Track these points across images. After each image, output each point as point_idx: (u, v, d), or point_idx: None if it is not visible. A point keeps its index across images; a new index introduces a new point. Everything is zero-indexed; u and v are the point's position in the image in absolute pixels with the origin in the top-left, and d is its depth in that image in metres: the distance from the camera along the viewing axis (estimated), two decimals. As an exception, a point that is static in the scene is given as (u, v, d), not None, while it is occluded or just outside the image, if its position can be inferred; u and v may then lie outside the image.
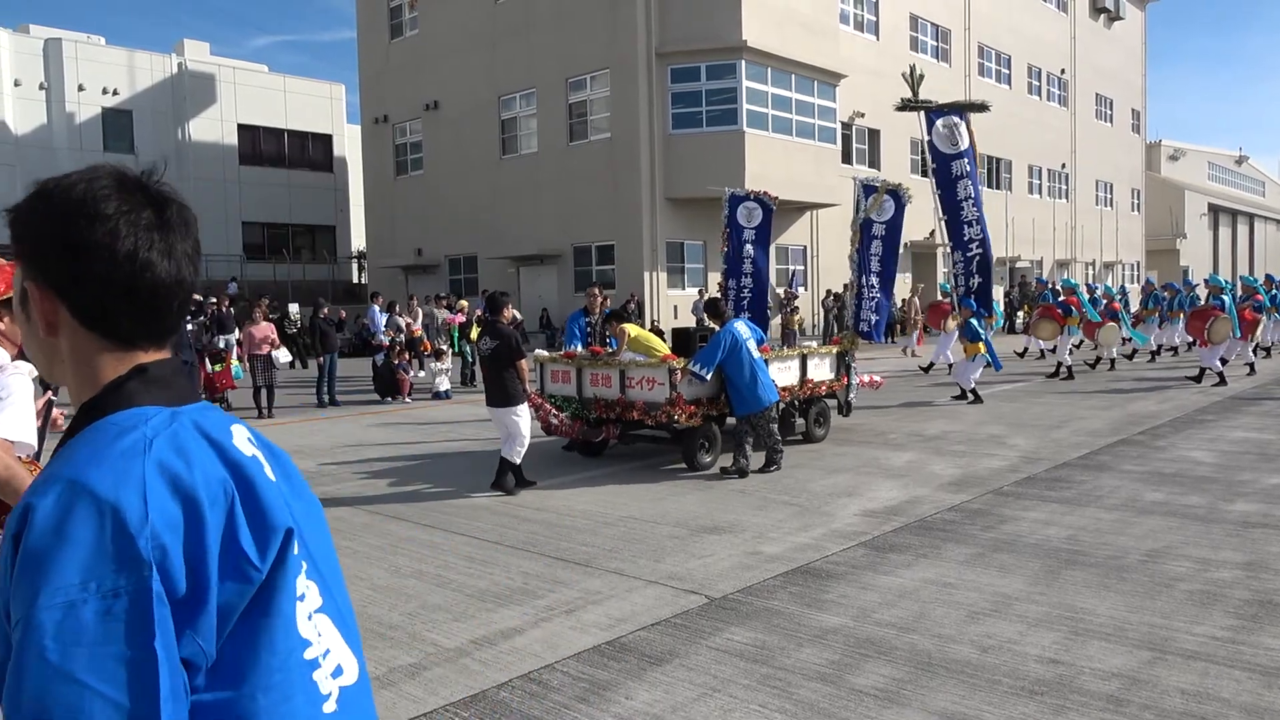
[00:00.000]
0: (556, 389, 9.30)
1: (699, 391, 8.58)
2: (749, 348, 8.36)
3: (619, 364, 8.74)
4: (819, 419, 10.23)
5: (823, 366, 10.34)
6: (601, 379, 8.89)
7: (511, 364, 7.69)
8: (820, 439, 10.12)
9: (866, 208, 11.23)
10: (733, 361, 8.31)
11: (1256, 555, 5.54)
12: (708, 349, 8.46)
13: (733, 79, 26.07)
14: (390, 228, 33.91)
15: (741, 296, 11.96)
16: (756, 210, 12.00)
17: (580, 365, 9.09)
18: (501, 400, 7.75)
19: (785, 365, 9.77)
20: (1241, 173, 72.16)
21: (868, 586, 5.15)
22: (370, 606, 5.01)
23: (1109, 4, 46.48)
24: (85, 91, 33.64)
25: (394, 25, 33.62)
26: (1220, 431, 10.31)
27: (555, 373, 9.36)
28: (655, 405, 8.43)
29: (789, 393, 9.66)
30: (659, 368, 8.51)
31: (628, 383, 8.65)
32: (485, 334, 7.97)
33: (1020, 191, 40.85)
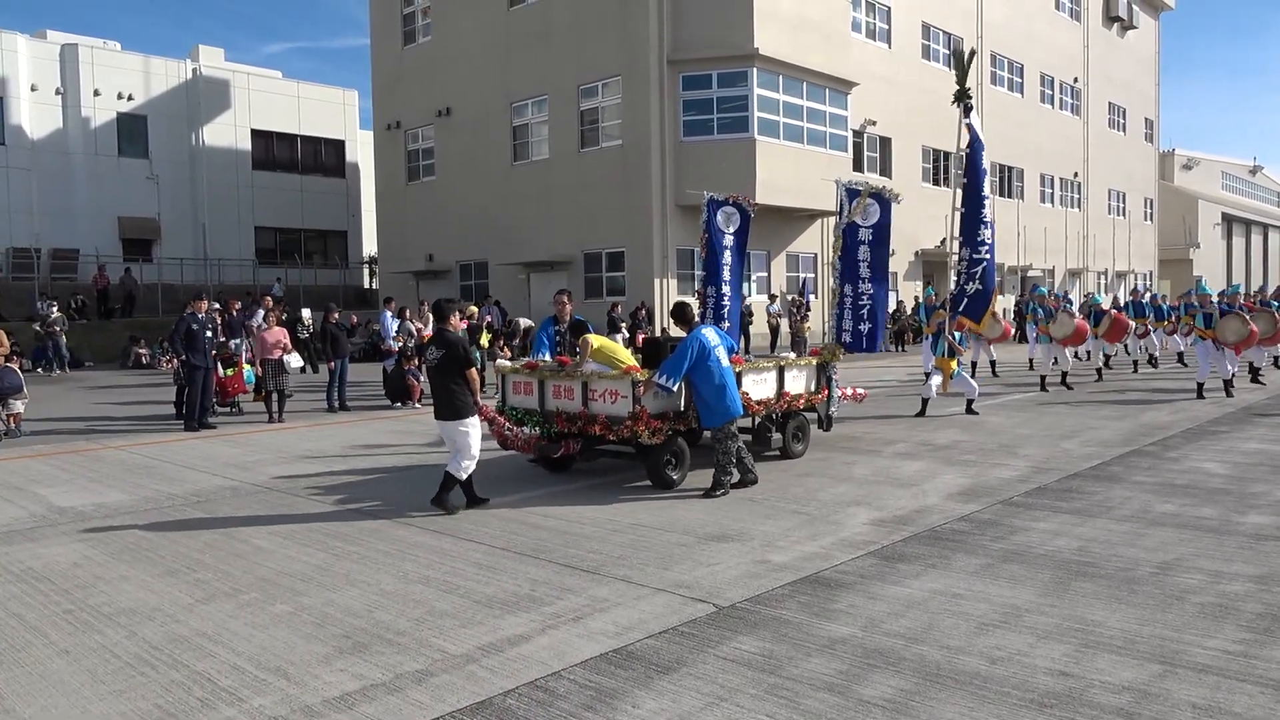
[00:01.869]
0: (519, 401, 8.83)
1: (665, 404, 8.09)
2: (718, 356, 7.93)
3: (581, 376, 8.23)
4: (797, 434, 9.74)
5: (801, 378, 9.80)
6: (564, 391, 8.39)
7: (461, 374, 7.32)
8: (799, 455, 9.63)
9: (850, 211, 10.76)
10: (700, 371, 7.86)
11: (1269, 568, 5.50)
12: (673, 358, 7.92)
13: (744, 86, 26.09)
14: (401, 233, 34.03)
15: (721, 304, 11.60)
16: (735, 215, 11.69)
17: (543, 377, 8.59)
18: (449, 413, 7.33)
19: (761, 377, 9.24)
20: (1256, 182, 71.80)
21: (876, 596, 5.12)
22: (377, 612, 5.01)
23: (1122, 13, 46.35)
24: (101, 96, 33.88)
25: (407, 32, 33.79)
26: (1233, 443, 10.24)
27: (517, 384, 8.89)
28: (618, 420, 7.91)
29: (764, 406, 9.22)
30: (622, 380, 7.96)
31: (590, 395, 8.15)
32: (432, 342, 7.55)
33: (1032, 200, 40.74)
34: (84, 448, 11.29)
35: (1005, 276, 38.99)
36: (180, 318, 13.31)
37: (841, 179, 11.26)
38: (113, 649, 4.55)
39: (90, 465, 10.04)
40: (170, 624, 4.89)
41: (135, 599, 5.33)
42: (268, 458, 10.34)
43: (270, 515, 7.47)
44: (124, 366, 25.26)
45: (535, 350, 9.49)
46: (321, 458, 10.24)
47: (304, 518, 7.35)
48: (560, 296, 9.79)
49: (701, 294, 11.78)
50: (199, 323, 12.98)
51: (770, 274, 29.01)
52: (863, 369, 21.22)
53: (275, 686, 4.07)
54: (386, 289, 33.40)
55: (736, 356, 8.89)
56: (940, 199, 34.42)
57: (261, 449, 11.03)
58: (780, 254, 29.32)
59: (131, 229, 34.65)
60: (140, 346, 25.75)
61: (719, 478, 7.86)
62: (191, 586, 5.55)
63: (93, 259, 31.57)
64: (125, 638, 4.70)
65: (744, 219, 11.78)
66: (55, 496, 8.35)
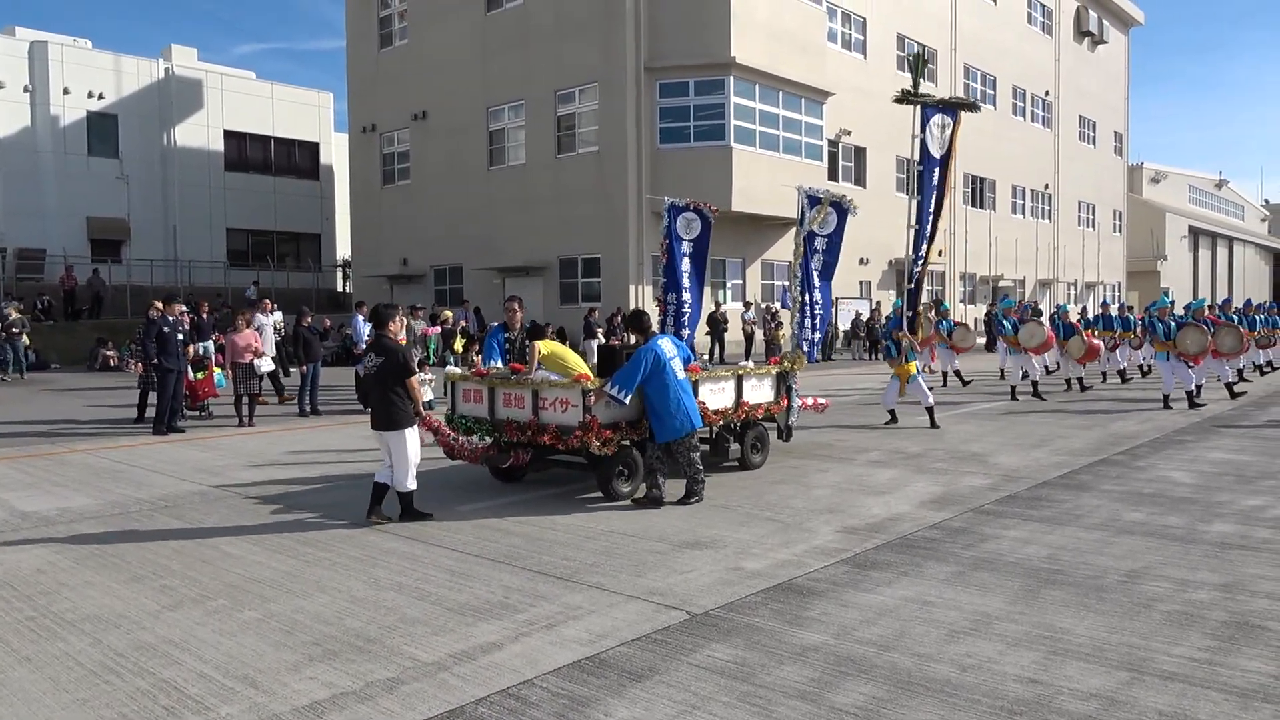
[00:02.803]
0: (468, 409, 8.62)
1: (617, 415, 7.88)
2: (673, 368, 7.76)
3: (531, 384, 8.03)
4: (756, 444, 9.56)
5: (761, 388, 9.62)
6: (514, 400, 8.18)
7: (400, 382, 7.10)
8: (757, 465, 9.48)
9: (810, 219, 10.63)
10: (655, 383, 7.68)
11: (1234, 577, 5.58)
12: (627, 368, 7.73)
13: (721, 95, 26.22)
14: (376, 237, 33.85)
15: (681, 312, 11.41)
16: (695, 221, 11.50)
17: (492, 385, 8.37)
18: (386, 422, 7.09)
19: (719, 386, 9.07)
20: (1221, 196, 73.09)
21: (849, 604, 5.14)
22: (347, 619, 4.96)
23: (1093, 28, 47.09)
24: (70, 95, 33.43)
25: (383, 35, 33.66)
26: (1199, 452, 10.39)
27: (467, 392, 8.66)
28: (568, 429, 7.72)
29: (722, 416, 9.05)
30: (572, 388, 7.78)
31: (540, 404, 7.95)
32: (370, 349, 7.32)
33: (1004, 211, 41.23)
34: (48, 451, 11.11)
35: (977, 286, 39.43)
36: (149, 320, 13.14)
37: (804, 186, 11.09)
38: (76, 657, 4.47)
39: (55, 469, 9.87)
40: (136, 631, 4.82)
41: (100, 605, 5.24)
42: (237, 462, 10.22)
43: (239, 520, 7.38)
44: (91, 369, 24.90)
45: (485, 358, 9.30)
46: (292, 463, 10.14)
47: (273, 523, 7.27)
48: (511, 303, 9.55)
49: (662, 301, 11.59)
50: (170, 325, 12.83)
51: (745, 282, 29.14)
52: (836, 377, 21.35)
53: (243, 695, 4.01)
54: (360, 293, 33.19)
55: (693, 366, 8.72)
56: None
57: (231, 453, 10.90)
58: (755, 262, 29.46)
59: (100, 229, 34.19)
60: (108, 348, 25.39)
61: (692, 486, 7.81)
62: (158, 593, 5.47)
63: (60, 259, 31.11)
64: (89, 645, 4.63)
65: (704, 225, 11.54)
66: (18, 501, 8.20)
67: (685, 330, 11.39)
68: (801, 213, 10.74)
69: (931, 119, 12.78)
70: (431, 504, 7.87)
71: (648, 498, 7.71)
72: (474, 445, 8.28)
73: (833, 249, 10.85)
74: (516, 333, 9.24)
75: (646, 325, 8.30)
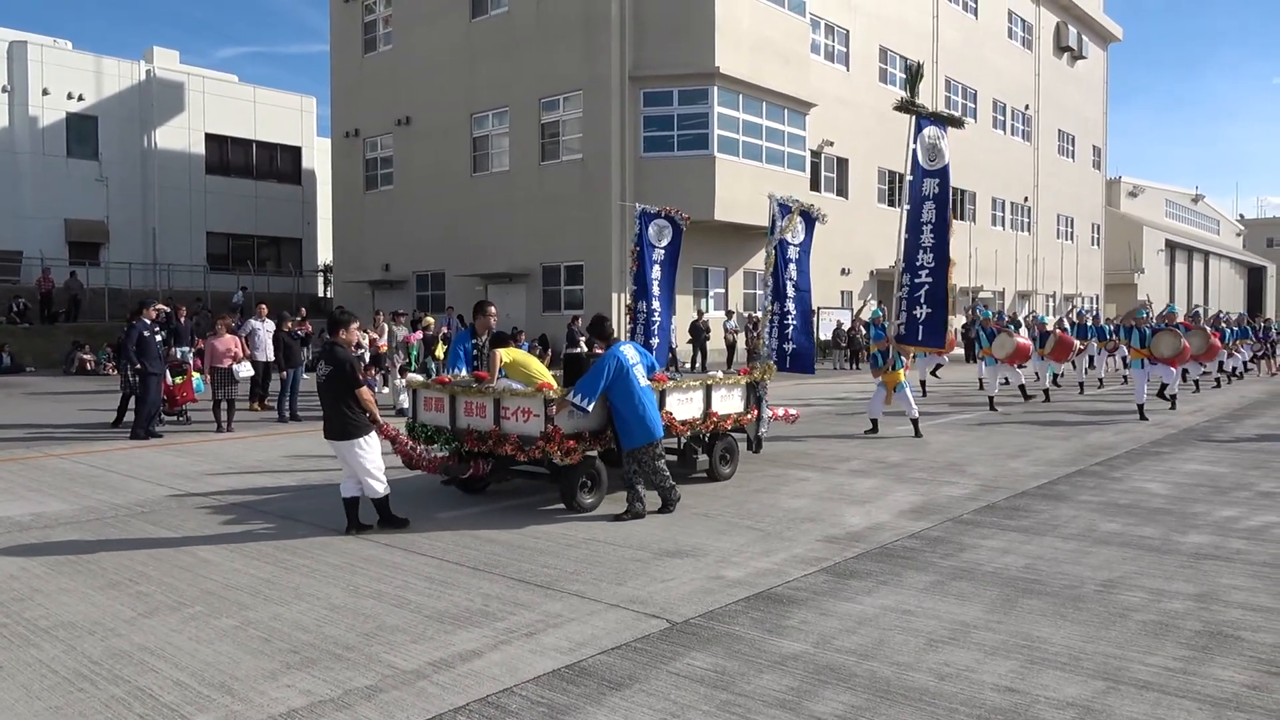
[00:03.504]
0: (429, 418, 8.37)
1: (581, 424, 7.69)
2: (636, 374, 7.58)
3: (492, 393, 7.79)
4: (725, 455, 9.36)
5: (730, 398, 9.42)
6: (476, 409, 7.92)
7: (351, 392, 6.93)
8: (726, 477, 9.29)
9: (782, 228, 10.43)
10: (618, 389, 7.51)
11: (1208, 586, 5.64)
12: (589, 376, 7.53)
13: (705, 104, 26.32)
14: (358, 242, 33.71)
15: (652, 320, 11.17)
16: (667, 229, 11.29)
17: (454, 393, 8.10)
18: (339, 433, 6.95)
19: (687, 396, 8.84)
20: (1198, 211, 74.03)
21: (828, 613, 5.16)
22: (326, 626, 4.93)
23: (1072, 43, 47.64)
24: (50, 95, 33.17)
25: (368, 40, 33.59)
26: (1174, 464, 10.50)
27: (429, 400, 8.42)
28: (530, 439, 7.50)
29: (689, 426, 8.86)
30: (534, 398, 7.56)
31: (502, 413, 7.70)
32: (322, 357, 7.11)
33: (984, 223, 41.57)
34: (23, 455, 10.98)
35: (957, 298, 39.72)
36: (130, 325, 13.03)
37: (774, 194, 10.86)
38: (50, 664, 4.42)
39: (29, 474, 9.76)
40: (111, 638, 4.77)
41: (75, 612, 5.19)
42: (216, 468, 10.14)
43: (216, 527, 7.32)
44: (67, 372, 24.64)
45: (450, 365, 9.09)
46: (271, 469, 10.07)
47: (251, 529, 7.22)
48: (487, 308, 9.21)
49: (632, 309, 11.34)
50: (150, 329, 12.72)
51: (728, 290, 29.22)
52: (815, 387, 21.43)
53: (219, 703, 3.98)
54: (341, 298, 33.05)
55: (660, 375, 8.54)
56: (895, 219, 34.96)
57: (209, 459, 10.81)
58: (738, 270, 29.55)
59: (78, 232, 33.89)
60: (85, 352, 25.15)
61: (666, 495, 7.71)
62: (134, 599, 5.42)
63: (37, 261, 30.79)
64: (63, 652, 4.58)
65: (676, 233, 11.34)
66: (-8, 505, 8.10)
67: (655, 339, 11.18)
68: (773, 221, 10.57)
69: (925, 130, 12.72)
70: (411, 511, 7.84)
71: (629, 512, 7.55)
72: (432, 455, 8.04)
73: (805, 259, 10.75)
74: (484, 339, 8.95)
75: (609, 331, 8.14)
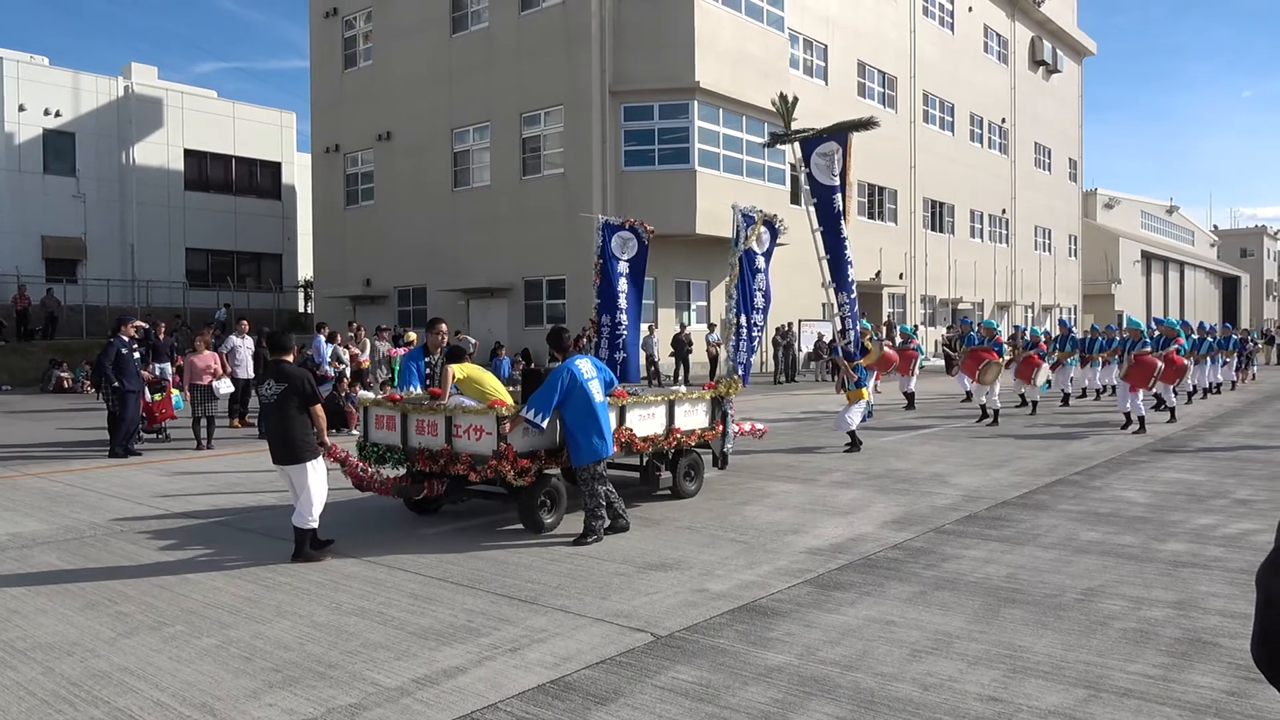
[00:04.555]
0: (381, 436, 8.07)
1: (536, 441, 7.44)
2: (591, 389, 7.32)
3: (444, 410, 7.53)
4: (689, 472, 9.11)
5: (694, 414, 9.18)
6: (428, 427, 7.64)
7: (303, 411, 6.69)
8: (691, 494, 9.06)
9: (746, 238, 10.24)
10: (571, 404, 7.26)
11: (1187, 594, 5.70)
12: (542, 391, 7.28)
13: (685, 118, 26.47)
14: (339, 257, 33.60)
15: (617, 334, 10.94)
16: (631, 241, 11.01)
17: (405, 410, 7.84)
18: (284, 455, 6.67)
19: (649, 412, 8.60)
20: (1172, 222, 74.95)
21: (812, 624, 5.18)
22: (308, 644, 4.90)
23: (1047, 57, 48.28)
24: (26, 112, 32.93)
25: (348, 55, 33.59)
26: (1153, 473, 10.60)
27: (380, 418, 8.12)
28: (483, 458, 7.24)
29: (651, 443, 8.58)
30: (486, 415, 7.31)
31: (454, 431, 7.44)
32: (269, 376, 6.82)
33: (963, 235, 41.95)
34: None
35: (937, 309, 40.00)
36: (108, 343, 12.92)
37: (737, 204, 10.62)
38: (28, 686, 4.37)
39: (5, 493, 9.64)
40: (90, 659, 4.72)
41: (53, 633, 5.13)
42: (195, 485, 10.05)
43: (197, 545, 7.26)
44: (44, 390, 24.38)
45: (402, 382, 8.80)
46: (251, 487, 9.99)
47: (232, 547, 7.16)
48: (439, 325, 9.08)
49: (596, 323, 11.12)
50: (128, 346, 12.62)
51: (710, 303, 29.31)
52: (798, 399, 21.50)
53: (201, 723, 3.94)
54: (322, 314, 32.88)
55: (619, 390, 8.34)
56: (875, 233, 35.27)
57: (189, 477, 10.72)
58: (720, 284, 29.61)
59: (55, 249, 33.60)
60: (62, 370, 24.88)
61: (590, 523, 7.26)
62: (113, 619, 5.36)
63: (13, 279, 30.49)
64: (41, 674, 4.52)
65: (641, 245, 11.09)
66: (-33, 526, 8.00)
67: (621, 353, 10.95)
68: (737, 231, 10.37)
69: (815, 151, 12.38)
70: (394, 527, 7.81)
71: (613, 528, 7.40)
72: (384, 477, 7.79)
73: (767, 270, 10.56)
74: (437, 356, 8.73)
75: (566, 344, 7.92)
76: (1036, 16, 47.28)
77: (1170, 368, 15.40)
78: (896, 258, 36.85)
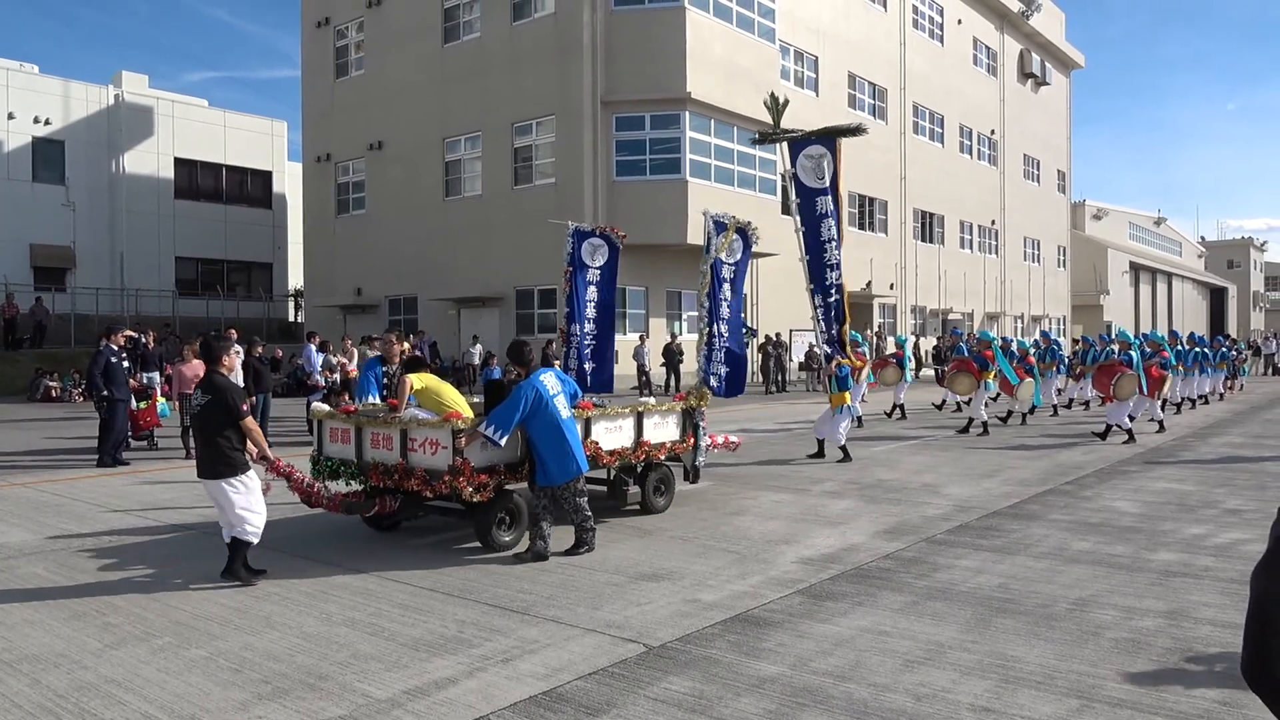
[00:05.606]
0: (335, 450, 7.76)
1: (495, 457, 7.14)
2: (557, 405, 7.03)
3: (399, 423, 7.22)
4: (659, 487, 8.83)
5: (664, 426, 8.87)
6: (382, 440, 7.33)
7: (231, 424, 6.31)
8: (661, 509, 8.77)
9: (717, 246, 9.95)
10: (536, 422, 6.94)
11: (1178, 604, 5.71)
12: (504, 406, 6.95)
13: (676, 129, 26.55)
14: (330, 266, 33.53)
15: (586, 344, 10.67)
16: (602, 248, 10.78)
17: (359, 423, 7.52)
18: (210, 469, 6.31)
19: (615, 425, 8.31)
20: (1160, 233, 75.43)
21: (805, 635, 5.17)
22: (298, 655, 4.86)
23: (1036, 70, 48.63)
24: (15, 120, 32.80)
25: (339, 65, 33.59)
26: (1143, 482, 10.64)
27: (334, 431, 7.80)
28: (438, 473, 6.94)
29: (618, 457, 8.31)
30: (441, 428, 7.00)
31: (409, 445, 7.14)
32: (199, 386, 6.50)
33: (952, 245, 42.13)
34: (-14, 485, 10.76)
35: (927, 319, 40.14)
36: (97, 351, 12.85)
37: (708, 211, 10.31)
38: (14, 699, 4.32)
39: (-8, 503, 9.56)
40: (77, 670, 4.67)
41: (40, 645, 5.08)
42: (184, 495, 9.98)
43: (185, 555, 7.21)
44: (32, 399, 24.23)
45: (359, 394, 8.51)
46: (241, 495, 9.92)
47: (221, 558, 7.10)
48: (389, 335, 8.88)
49: (564, 332, 10.81)
50: (118, 355, 12.56)
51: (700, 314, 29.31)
52: (789, 408, 21.51)
53: (189, 735, 3.91)
54: (312, 323, 32.80)
55: (585, 402, 8.17)
56: (866, 243, 35.41)
57: (178, 486, 10.65)
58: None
59: (44, 257, 33.43)
60: (50, 379, 24.74)
61: (581, 535, 7.12)
62: (101, 631, 5.32)
63: (0, 287, 30.33)
64: (28, 686, 4.47)
65: (613, 252, 10.84)
66: (-47, 536, 7.92)
67: (590, 363, 10.71)
68: (707, 239, 10.03)
69: (802, 153, 12.28)
70: (381, 537, 7.76)
71: (530, 551, 6.95)
72: (332, 492, 7.37)
73: (739, 279, 10.24)
74: (394, 366, 8.50)
75: (528, 357, 7.57)
76: (1025, 29, 47.63)
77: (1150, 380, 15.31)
78: (887, 268, 36.98)
